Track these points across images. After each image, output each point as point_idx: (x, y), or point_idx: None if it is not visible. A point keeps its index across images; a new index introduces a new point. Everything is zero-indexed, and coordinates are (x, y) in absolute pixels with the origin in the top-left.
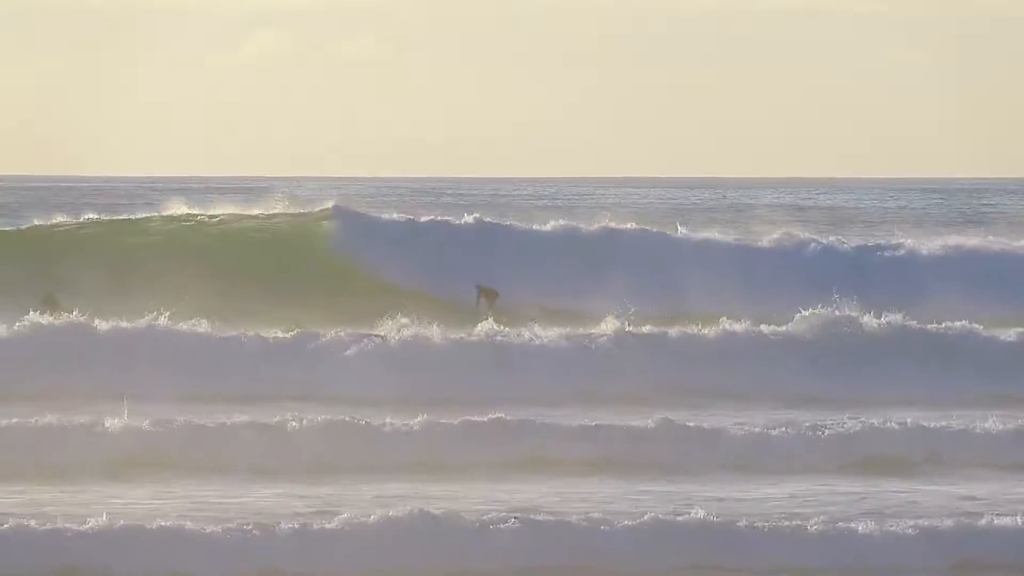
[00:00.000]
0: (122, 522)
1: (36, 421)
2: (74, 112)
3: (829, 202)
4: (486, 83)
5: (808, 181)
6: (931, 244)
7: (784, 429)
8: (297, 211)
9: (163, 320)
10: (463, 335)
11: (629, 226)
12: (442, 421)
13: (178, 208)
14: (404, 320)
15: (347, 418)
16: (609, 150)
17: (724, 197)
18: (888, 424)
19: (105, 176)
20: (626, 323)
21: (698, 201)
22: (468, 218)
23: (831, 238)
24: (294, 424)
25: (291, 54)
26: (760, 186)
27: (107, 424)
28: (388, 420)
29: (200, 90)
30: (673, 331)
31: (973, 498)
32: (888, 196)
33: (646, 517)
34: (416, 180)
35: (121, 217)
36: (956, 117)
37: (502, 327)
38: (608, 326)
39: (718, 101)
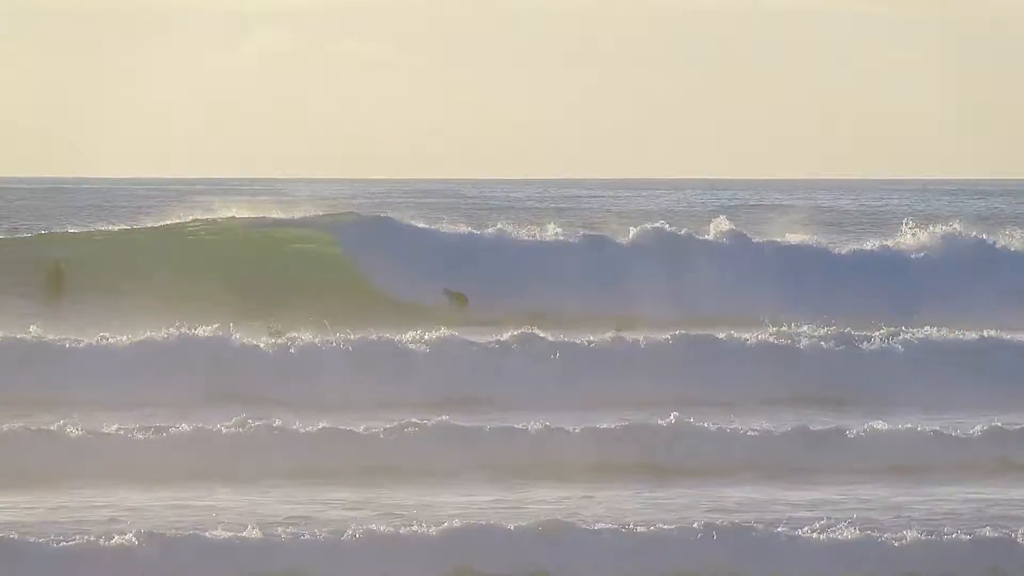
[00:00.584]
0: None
1: (23, 427)
2: (73, 113)
3: (829, 203)
4: (486, 83)
5: (808, 182)
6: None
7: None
8: (311, 215)
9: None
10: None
11: (658, 225)
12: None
13: (194, 213)
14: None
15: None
16: (609, 151)
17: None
18: (918, 429)
19: (104, 178)
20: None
21: (701, 202)
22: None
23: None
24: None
25: (291, 54)
26: (760, 187)
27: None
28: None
29: (200, 90)
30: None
31: (1008, 503)
32: (888, 197)
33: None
34: (417, 181)
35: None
36: (955, 117)
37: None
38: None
39: (717, 101)
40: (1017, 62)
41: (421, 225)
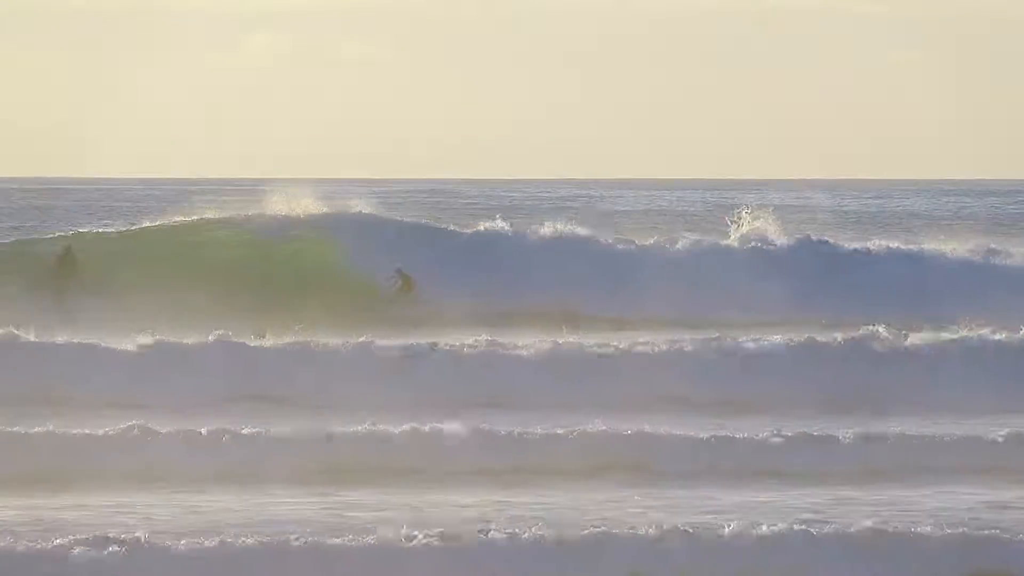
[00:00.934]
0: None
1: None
2: (73, 113)
3: (830, 203)
4: (486, 84)
5: (808, 182)
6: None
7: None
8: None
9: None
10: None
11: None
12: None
13: (198, 213)
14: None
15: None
16: (609, 151)
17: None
18: (911, 431)
19: (104, 178)
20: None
21: (701, 201)
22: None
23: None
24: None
25: (291, 54)
26: (760, 187)
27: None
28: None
29: (200, 90)
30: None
31: (994, 505)
32: (888, 197)
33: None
34: (417, 181)
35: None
36: (955, 117)
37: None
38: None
39: (717, 101)
40: (1017, 62)
41: (422, 224)
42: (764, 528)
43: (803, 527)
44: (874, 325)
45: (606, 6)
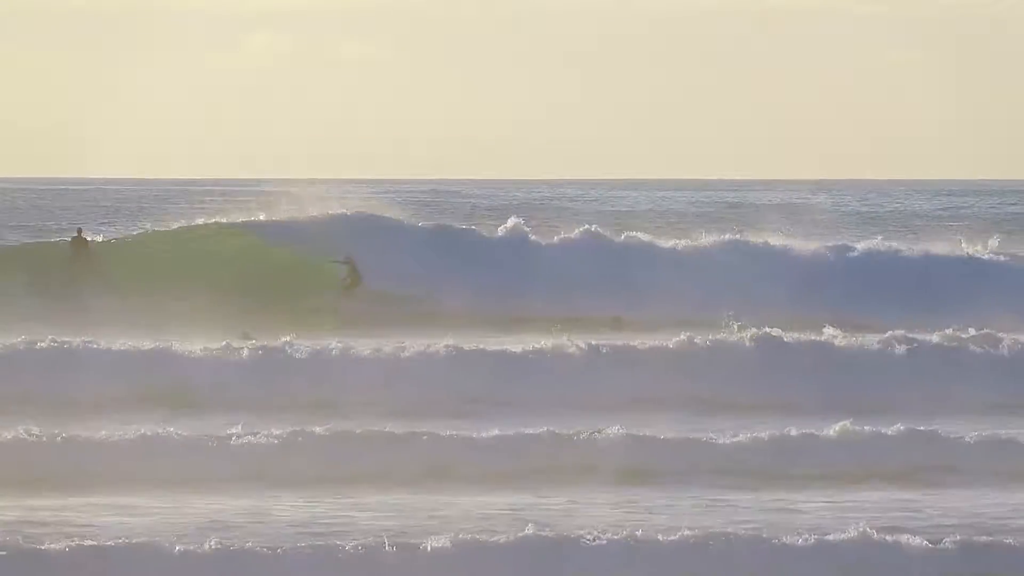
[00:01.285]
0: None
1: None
2: (73, 113)
3: (832, 203)
4: (486, 84)
5: (809, 182)
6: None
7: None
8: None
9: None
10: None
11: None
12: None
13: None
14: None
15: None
16: (609, 151)
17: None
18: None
19: (104, 178)
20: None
21: (703, 201)
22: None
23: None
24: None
25: (291, 54)
26: (760, 187)
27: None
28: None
29: (200, 90)
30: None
31: (1003, 508)
32: (886, 197)
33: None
34: (417, 181)
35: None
36: (955, 117)
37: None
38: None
39: (717, 101)
40: (1017, 62)
41: (422, 224)
42: (767, 533)
43: (808, 532)
44: (876, 326)
45: (606, 6)
